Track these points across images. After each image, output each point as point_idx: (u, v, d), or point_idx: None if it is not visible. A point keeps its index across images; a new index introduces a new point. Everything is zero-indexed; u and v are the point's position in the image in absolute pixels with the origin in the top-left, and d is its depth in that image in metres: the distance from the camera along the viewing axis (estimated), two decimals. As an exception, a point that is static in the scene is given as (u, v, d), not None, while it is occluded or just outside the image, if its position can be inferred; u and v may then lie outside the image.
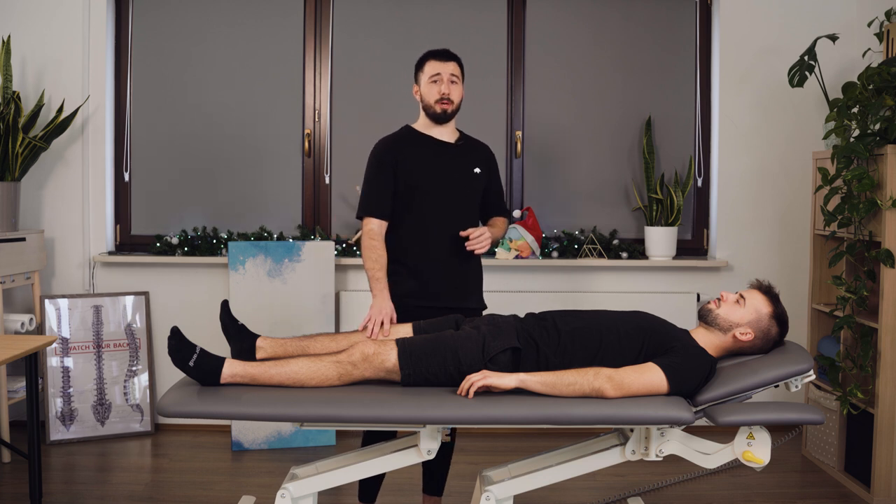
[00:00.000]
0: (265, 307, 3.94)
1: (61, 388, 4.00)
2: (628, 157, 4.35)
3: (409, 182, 2.79)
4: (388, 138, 2.88)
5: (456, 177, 2.84)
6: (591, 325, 2.42)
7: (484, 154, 2.95)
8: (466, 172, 2.86)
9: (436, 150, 2.84)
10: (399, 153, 2.81)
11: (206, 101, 4.29)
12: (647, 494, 3.38)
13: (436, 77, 2.79)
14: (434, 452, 2.35)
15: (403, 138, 2.86)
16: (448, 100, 2.79)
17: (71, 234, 4.19)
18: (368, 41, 4.30)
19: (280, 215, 4.31)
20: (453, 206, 2.82)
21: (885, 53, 3.69)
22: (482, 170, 2.90)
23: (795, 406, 2.35)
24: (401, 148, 2.82)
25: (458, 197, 2.84)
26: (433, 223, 2.80)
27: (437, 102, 2.79)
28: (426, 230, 2.80)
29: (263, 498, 3.11)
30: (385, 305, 2.68)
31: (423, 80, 2.82)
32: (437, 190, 2.80)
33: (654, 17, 4.32)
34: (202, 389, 2.31)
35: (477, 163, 2.89)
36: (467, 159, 2.88)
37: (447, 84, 2.79)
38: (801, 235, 4.15)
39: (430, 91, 2.80)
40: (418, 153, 2.82)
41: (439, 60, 2.80)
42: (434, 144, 2.84)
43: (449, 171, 2.83)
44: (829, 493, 3.43)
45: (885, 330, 3.26)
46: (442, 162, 2.83)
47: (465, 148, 2.89)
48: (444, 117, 2.82)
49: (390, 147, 2.84)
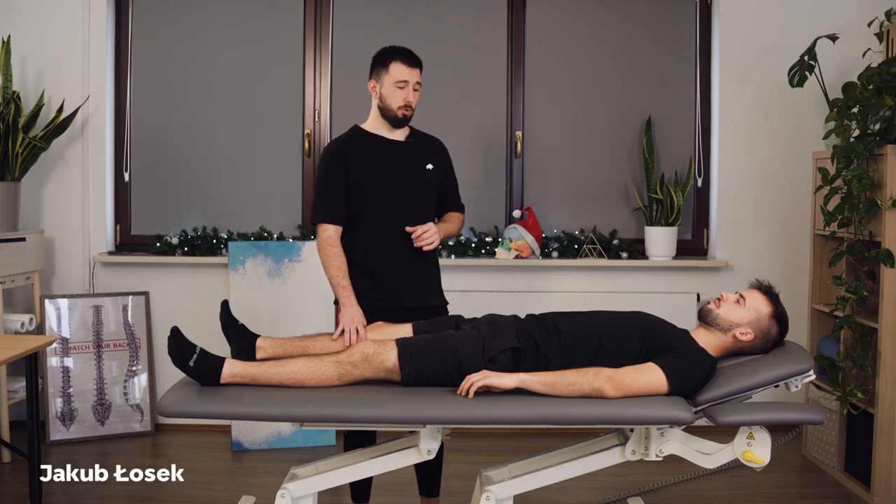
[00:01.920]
0: (265, 307, 3.94)
1: (61, 388, 4.00)
2: (628, 157, 4.35)
3: (360, 182, 2.77)
4: (336, 140, 2.86)
5: (408, 175, 2.81)
6: (592, 326, 2.42)
7: (436, 149, 2.93)
8: (418, 169, 2.84)
9: (386, 149, 2.82)
10: (348, 154, 2.78)
11: (206, 101, 4.29)
12: (647, 494, 3.38)
13: (402, 84, 2.75)
14: (434, 452, 2.35)
15: (352, 139, 2.84)
16: (411, 107, 2.79)
17: (71, 234, 4.19)
18: (368, 41, 4.29)
19: (280, 215, 4.31)
20: (407, 205, 2.80)
21: (885, 53, 3.69)
22: (434, 165, 2.88)
23: (795, 406, 2.35)
24: (350, 148, 2.80)
25: (410, 195, 2.81)
26: (387, 222, 2.78)
27: (400, 108, 2.77)
28: (380, 230, 2.78)
29: (263, 498, 3.11)
30: (355, 313, 2.66)
31: (387, 80, 2.78)
32: (388, 189, 2.78)
33: (654, 17, 4.32)
34: (202, 389, 2.31)
35: (428, 159, 2.87)
36: (418, 156, 2.85)
37: (412, 92, 2.77)
38: (801, 235, 4.15)
39: (394, 95, 2.77)
40: (368, 152, 2.79)
41: (407, 66, 2.76)
42: (384, 143, 2.83)
43: (400, 170, 2.81)
44: (829, 493, 3.43)
45: (885, 330, 3.26)
46: (392, 160, 2.81)
47: (416, 145, 2.87)
48: (403, 122, 2.81)
49: (339, 148, 2.81)
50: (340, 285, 2.70)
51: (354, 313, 2.66)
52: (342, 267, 2.72)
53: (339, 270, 2.72)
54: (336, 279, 2.71)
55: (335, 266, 2.72)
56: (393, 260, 2.78)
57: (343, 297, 2.69)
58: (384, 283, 2.77)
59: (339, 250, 2.74)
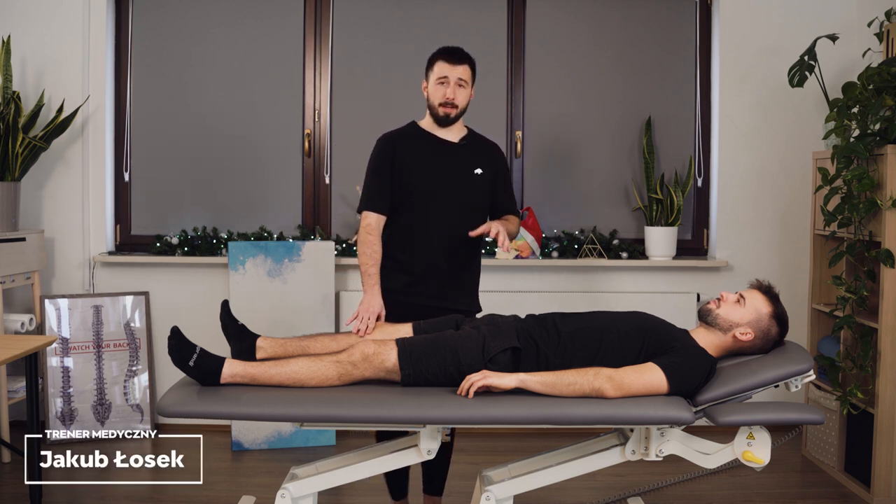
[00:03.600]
0: (265, 307, 3.94)
1: (61, 388, 4.00)
2: (628, 157, 4.34)
3: (405, 179, 2.78)
4: (389, 134, 2.86)
5: (453, 177, 2.81)
6: (592, 326, 2.42)
7: (490, 154, 2.90)
8: (466, 173, 2.83)
9: (436, 149, 2.81)
10: (398, 149, 2.79)
11: (206, 101, 4.29)
12: (647, 494, 3.38)
13: (443, 79, 2.75)
14: (434, 452, 2.35)
15: (405, 135, 2.84)
16: (452, 104, 2.76)
17: (71, 234, 4.19)
18: (368, 41, 4.30)
19: (280, 215, 4.31)
20: (450, 207, 2.80)
21: (885, 53, 3.69)
22: (485, 170, 2.85)
23: (795, 406, 2.35)
24: (401, 144, 2.81)
25: (455, 198, 2.80)
26: (429, 222, 2.78)
27: (441, 105, 2.76)
28: (422, 229, 2.78)
29: (263, 498, 3.10)
30: (374, 302, 2.69)
31: (432, 78, 2.78)
32: (432, 189, 2.78)
33: (654, 17, 4.32)
34: (202, 389, 2.31)
35: (479, 163, 2.85)
36: (469, 159, 2.84)
37: (453, 88, 2.74)
38: (801, 235, 4.15)
39: (436, 92, 2.77)
40: (417, 151, 2.80)
41: (449, 63, 2.75)
42: (435, 143, 2.82)
43: (446, 171, 2.80)
44: (829, 493, 3.43)
45: (885, 330, 3.26)
46: (441, 161, 2.80)
47: (469, 148, 2.85)
48: (446, 121, 2.79)
49: (390, 142, 2.82)
50: (367, 273, 2.74)
51: (373, 302, 2.69)
52: (373, 256, 2.75)
53: (369, 258, 2.75)
54: (364, 266, 2.75)
55: (366, 254, 2.75)
56: (428, 259, 2.78)
57: (367, 284, 2.73)
58: (417, 280, 2.78)
59: (374, 239, 2.76)
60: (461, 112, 2.80)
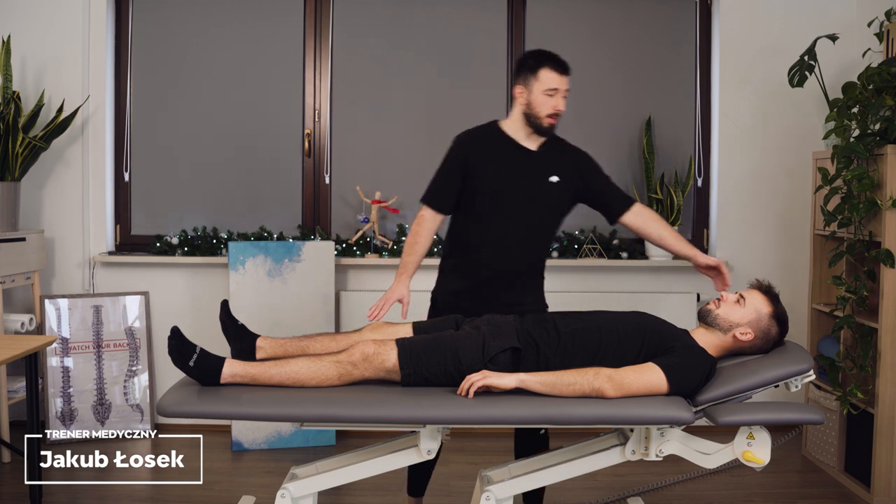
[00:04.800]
0: (265, 307, 3.94)
1: (61, 388, 4.00)
2: (628, 157, 4.34)
3: (475, 182, 2.72)
4: (469, 132, 2.81)
5: (526, 185, 2.73)
6: (591, 326, 2.42)
7: (570, 161, 2.80)
8: (540, 181, 2.74)
9: (512, 155, 2.74)
10: (473, 150, 2.74)
11: (205, 101, 4.29)
12: (647, 494, 3.38)
13: (552, 91, 2.66)
14: (434, 452, 2.35)
15: (483, 136, 2.78)
16: (558, 115, 2.70)
17: (71, 234, 4.19)
18: (368, 41, 4.30)
19: (280, 215, 4.31)
20: (521, 214, 2.73)
21: (885, 53, 3.69)
22: (563, 178, 2.76)
23: (795, 406, 2.35)
24: (477, 145, 2.75)
25: (526, 205, 2.73)
26: (496, 229, 2.73)
27: (549, 117, 2.69)
28: (487, 232, 2.74)
29: (263, 498, 3.11)
30: (399, 288, 2.71)
31: (536, 87, 2.67)
32: (502, 195, 2.71)
33: (654, 17, 4.32)
34: (202, 389, 2.31)
35: (556, 171, 2.75)
36: (545, 167, 2.75)
37: (561, 101, 2.68)
38: (801, 235, 4.15)
39: (543, 104, 2.67)
40: (492, 154, 2.73)
41: (559, 74, 2.67)
42: (513, 148, 2.75)
43: (519, 178, 2.72)
44: (829, 493, 3.43)
45: (885, 330, 3.26)
46: (515, 167, 2.73)
47: (547, 156, 2.77)
48: (549, 132, 2.73)
49: (466, 142, 2.77)
50: (403, 262, 2.76)
51: (398, 288, 2.70)
52: (414, 246, 2.75)
53: (410, 248, 2.76)
54: (404, 255, 2.77)
55: (409, 243, 2.77)
56: (488, 265, 2.75)
57: (399, 272, 2.74)
58: (473, 286, 2.75)
59: (423, 231, 2.76)
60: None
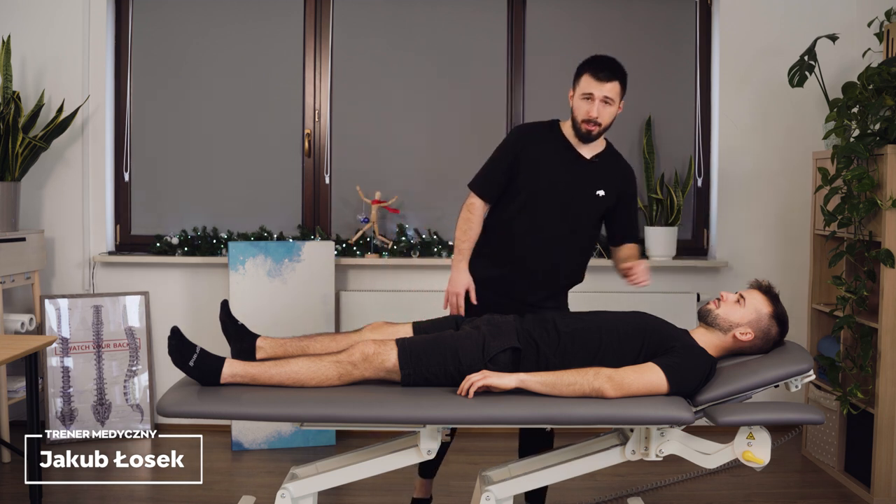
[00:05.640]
0: (265, 307, 3.94)
1: (61, 388, 4.00)
2: (628, 157, 4.30)
3: (523, 178, 2.71)
4: (527, 126, 2.81)
5: (573, 193, 2.72)
6: (592, 326, 2.42)
7: (619, 176, 2.79)
8: (586, 192, 2.73)
9: (565, 159, 2.73)
10: (528, 145, 2.73)
11: (206, 101, 4.29)
12: (647, 494, 3.38)
13: (588, 95, 2.65)
14: (434, 452, 2.35)
15: (542, 133, 2.77)
16: (595, 122, 2.66)
17: (71, 234, 4.19)
18: (368, 41, 4.30)
19: (280, 215, 4.31)
20: (558, 218, 2.71)
21: (885, 53, 3.69)
22: (607, 193, 2.75)
23: (795, 406, 2.36)
24: (533, 142, 2.74)
25: (567, 213, 2.72)
26: (533, 230, 2.72)
27: (584, 122, 2.67)
28: (525, 234, 2.73)
29: (263, 498, 3.11)
30: (463, 277, 2.70)
31: (577, 91, 2.68)
32: (546, 198, 2.71)
33: (654, 17, 4.32)
34: (202, 389, 2.31)
35: (603, 185, 2.74)
36: (594, 178, 2.73)
37: (598, 107, 2.64)
38: (801, 235, 4.15)
39: (580, 107, 2.67)
40: (548, 154, 2.72)
41: (596, 79, 2.64)
42: (567, 152, 2.73)
43: (567, 184, 2.71)
44: (829, 493, 3.43)
45: (885, 330, 3.26)
46: (564, 173, 2.71)
47: (600, 167, 2.75)
48: (587, 137, 2.70)
49: (523, 136, 2.77)
50: (459, 249, 2.75)
51: (461, 277, 2.69)
52: (468, 232, 2.75)
53: (464, 234, 2.75)
54: (459, 242, 2.76)
55: (462, 229, 2.76)
56: (521, 264, 2.74)
57: (456, 259, 2.73)
58: (503, 283, 2.75)
59: (475, 218, 2.75)
60: (604, 129, 2.71)
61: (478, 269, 2.77)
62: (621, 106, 2.73)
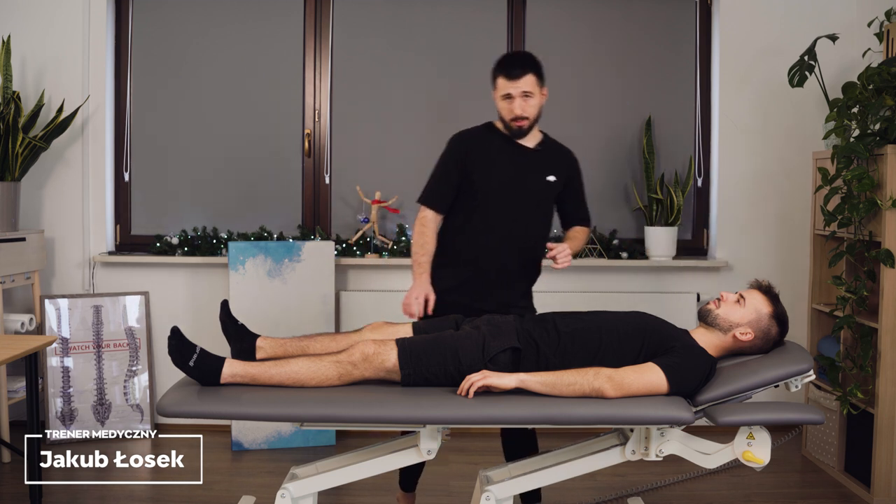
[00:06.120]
0: (265, 307, 3.94)
1: (61, 388, 4.00)
2: (628, 157, 4.34)
3: (474, 181, 2.75)
4: (465, 132, 2.83)
5: (525, 183, 2.77)
6: (591, 326, 2.42)
7: (564, 161, 2.85)
8: (538, 179, 2.78)
9: (510, 153, 2.77)
10: (471, 150, 2.76)
11: (205, 101, 4.29)
12: (647, 494, 3.38)
13: (507, 96, 2.70)
14: (434, 452, 2.35)
15: (481, 134, 2.81)
16: (522, 118, 2.71)
17: (71, 234, 4.19)
18: (368, 41, 4.30)
19: (280, 215, 4.31)
20: (517, 212, 2.76)
21: (885, 53, 3.69)
22: (559, 178, 2.81)
23: (795, 406, 2.35)
24: (474, 145, 2.77)
25: (524, 204, 2.77)
26: (494, 225, 2.76)
27: (512, 121, 2.73)
28: (487, 232, 2.76)
29: (263, 498, 3.10)
30: (423, 288, 2.71)
31: (496, 94, 2.74)
32: (501, 193, 2.74)
33: (654, 17, 4.32)
34: (202, 389, 2.31)
35: (554, 170, 2.80)
36: (542, 166, 2.79)
37: (519, 104, 2.69)
38: (801, 235, 4.15)
39: (503, 108, 2.73)
40: (490, 153, 2.76)
41: (510, 79, 2.68)
42: (510, 146, 2.78)
43: (518, 177, 2.76)
44: (829, 493, 3.43)
45: (885, 330, 3.26)
46: (513, 166, 2.76)
47: (544, 154, 2.81)
48: (519, 133, 2.75)
49: (464, 141, 2.79)
50: (418, 262, 2.75)
51: (421, 287, 2.70)
52: (425, 247, 2.76)
53: (421, 248, 2.76)
54: (416, 256, 2.76)
55: (419, 244, 2.77)
56: (489, 265, 2.77)
57: (416, 273, 2.74)
58: (470, 283, 2.77)
59: (429, 232, 2.77)
60: (534, 121, 2.75)
61: (444, 281, 2.79)
62: (545, 93, 2.77)
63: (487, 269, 2.77)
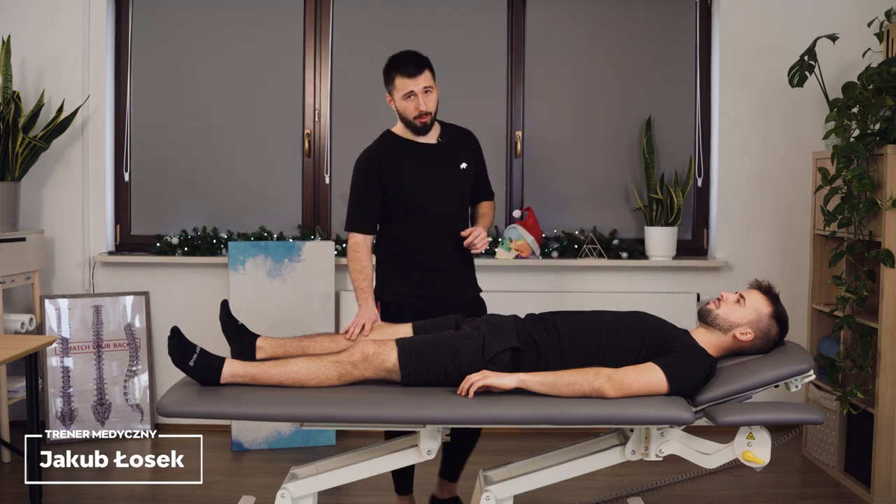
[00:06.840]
0: (265, 307, 3.94)
1: (61, 388, 4.00)
2: (628, 157, 4.34)
3: (395, 189, 2.78)
4: (369, 149, 2.86)
5: (443, 179, 2.82)
6: (591, 326, 2.42)
7: (468, 143, 2.92)
8: (452, 170, 2.85)
9: (419, 156, 2.81)
10: (382, 162, 2.79)
11: (205, 101, 4.29)
12: (647, 494, 3.38)
13: (409, 95, 2.73)
14: (434, 452, 2.35)
15: (384, 146, 2.84)
16: (426, 114, 2.75)
17: (71, 234, 4.19)
18: (368, 41, 4.30)
19: (280, 215, 4.31)
20: (444, 208, 2.82)
21: (885, 53, 3.69)
22: (468, 163, 2.88)
23: (795, 406, 2.36)
24: (383, 157, 2.80)
25: (447, 198, 2.83)
26: (424, 226, 2.80)
27: (416, 118, 2.75)
28: (419, 233, 2.80)
29: (263, 498, 3.11)
30: (370, 312, 2.70)
31: (396, 95, 2.76)
32: (424, 194, 2.79)
33: (654, 17, 4.32)
34: (202, 389, 2.31)
35: (461, 157, 2.87)
36: (451, 156, 2.85)
37: (423, 99, 2.73)
38: (801, 235, 4.15)
39: (407, 107, 2.75)
40: (402, 161, 2.80)
41: (409, 77, 2.71)
42: (416, 148, 2.82)
43: (435, 175, 2.81)
44: (829, 493, 3.43)
45: (885, 330, 3.26)
46: (427, 167, 2.81)
47: (449, 144, 2.86)
48: (424, 130, 2.79)
49: (373, 160, 2.81)
50: (359, 288, 2.75)
51: (368, 311, 2.70)
52: (363, 271, 2.77)
53: (359, 274, 2.76)
54: (356, 283, 2.76)
55: (356, 270, 2.77)
56: (431, 263, 2.81)
57: (360, 298, 2.74)
58: (422, 283, 2.81)
59: (363, 256, 2.78)
60: (435, 115, 2.81)
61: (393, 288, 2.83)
62: (437, 90, 2.80)
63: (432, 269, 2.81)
